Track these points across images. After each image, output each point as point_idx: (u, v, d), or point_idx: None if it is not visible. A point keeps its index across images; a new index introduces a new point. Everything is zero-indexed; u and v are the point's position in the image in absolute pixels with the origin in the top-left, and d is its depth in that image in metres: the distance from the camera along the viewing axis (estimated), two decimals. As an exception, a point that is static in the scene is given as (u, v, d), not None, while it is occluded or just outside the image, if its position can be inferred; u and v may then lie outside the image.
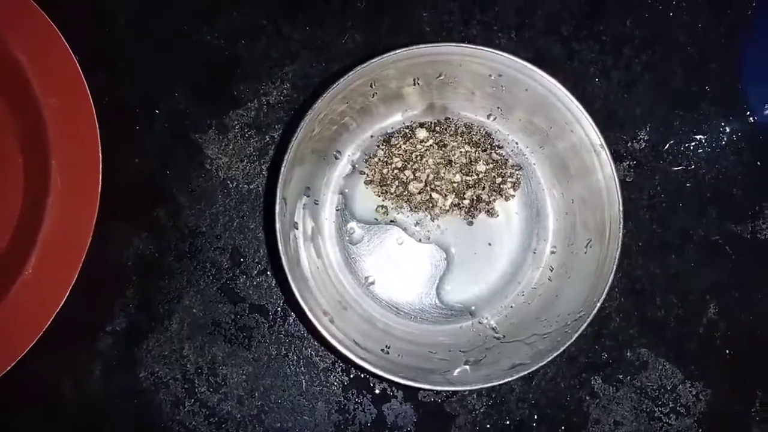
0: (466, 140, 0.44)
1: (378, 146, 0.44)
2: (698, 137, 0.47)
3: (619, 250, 0.38)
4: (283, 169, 0.38)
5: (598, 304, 0.38)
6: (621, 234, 0.38)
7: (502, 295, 0.44)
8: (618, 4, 0.48)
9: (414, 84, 0.42)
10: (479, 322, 0.43)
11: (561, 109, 0.40)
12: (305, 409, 0.44)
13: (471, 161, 0.44)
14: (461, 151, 0.44)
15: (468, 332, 0.43)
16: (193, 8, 0.47)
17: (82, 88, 0.42)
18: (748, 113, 0.48)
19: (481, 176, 0.44)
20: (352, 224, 0.44)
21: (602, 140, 0.39)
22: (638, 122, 0.47)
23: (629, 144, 0.47)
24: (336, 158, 0.44)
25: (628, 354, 0.45)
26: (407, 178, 0.44)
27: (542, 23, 0.48)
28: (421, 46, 0.38)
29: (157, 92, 0.46)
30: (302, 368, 0.44)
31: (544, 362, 0.37)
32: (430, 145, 0.44)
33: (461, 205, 0.44)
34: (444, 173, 0.44)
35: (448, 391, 0.44)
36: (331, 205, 0.44)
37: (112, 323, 0.44)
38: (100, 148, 0.41)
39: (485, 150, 0.44)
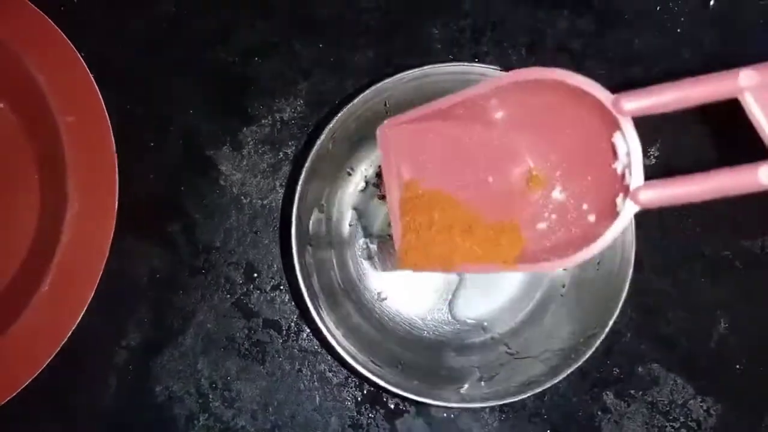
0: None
1: (391, 163, 0.45)
2: (708, 153, 0.48)
3: (631, 269, 0.38)
4: (299, 185, 0.39)
5: (611, 322, 0.38)
6: (633, 253, 0.39)
7: (515, 312, 0.44)
8: (626, 22, 0.49)
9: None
10: (492, 338, 0.44)
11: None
12: (319, 424, 0.44)
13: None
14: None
15: (481, 348, 0.43)
16: (207, 26, 0.47)
17: (99, 106, 0.42)
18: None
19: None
20: (365, 239, 0.45)
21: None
22: (648, 139, 0.47)
23: (639, 160, 0.47)
24: (349, 174, 0.45)
25: (640, 369, 0.46)
26: (419, 194, 0.44)
27: (552, 40, 0.48)
28: (436, 65, 0.39)
29: (172, 109, 0.47)
30: (316, 383, 0.45)
31: (558, 379, 0.38)
32: (442, 162, 0.45)
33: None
34: (456, 189, 0.44)
35: (461, 407, 0.44)
36: (344, 220, 0.45)
37: (127, 338, 0.44)
38: (116, 166, 0.42)
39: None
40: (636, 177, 0.25)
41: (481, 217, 0.29)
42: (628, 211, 0.25)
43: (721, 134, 0.47)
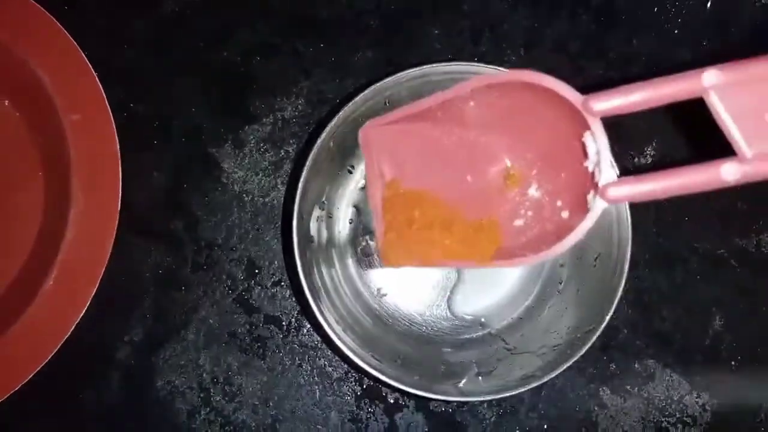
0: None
1: (390, 161, 0.45)
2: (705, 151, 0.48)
3: (627, 265, 0.39)
4: (300, 183, 0.39)
5: (608, 317, 0.39)
6: (630, 250, 0.39)
7: (513, 307, 0.45)
8: (624, 23, 0.49)
9: (426, 101, 0.43)
10: (490, 334, 0.44)
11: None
12: (319, 418, 0.45)
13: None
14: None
15: (479, 343, 0.44)
16: (209, 26, 0.48)
17: (102, 105, 0.43)
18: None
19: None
20: (365, 237, 0.45)
21: (611, 156, 0.40)
22: (645, 138, 0.48)
23: (636, 159, 0.48)
24: (350, 172, 0.45)
25: (636, 365, 0.46)
26: (418, 192, 0.45)
27: (550, 41, 0.49)
28: (435, 65, 0.39)
29: (175, 107, 0.47)
30: (316, 378, 0.45)
31: (555, 374, 0.38)
32: (441, 160, 0.45)
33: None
34: (454, 187, 0.45)
35: (459, 401, 0.45)
36: (344, 217, 0.45)
37: (130, 334, 0.45)
38: (120, 164, 0.42)
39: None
40: (604, 175, 0.25)
41: (461, 214, 0.30)
42: (597, 207, 0.26)
43: (719, 132, 0.48)
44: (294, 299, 0.46)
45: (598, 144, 0.26)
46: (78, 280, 0.42)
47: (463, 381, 0.41)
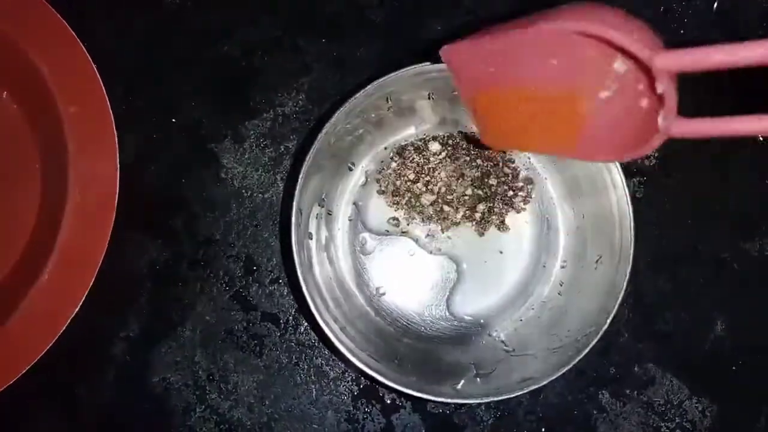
0: (478, 154, 0.45)
1: (391, 158, 0.45)
2: (710, 149, 0.48)
3: (629, 268, 0.38)
4: (300, 179, 0.39)
5: (608, 320, 0.38)
6: (632, 252, 0.39)
7: (513, 309, 0.44)
8: (630, 22, 0.49)
9: (428, 98, 0.43)
10: (489, 335, 0.44)
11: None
12: (315, 417, 0.44)
13: (483, 175, 0.44)
14: (473, 165, 0.45)
15: (478, 345, 0.44)
16: (210, 21, 0.47)
17: (101, 97, 0.42)
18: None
19: (492, 189, 0.44)
20: (364, 235, 0.45)
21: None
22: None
23: (639, 160, 0.47)
24: (350, 169, 0.45)
25: (636, 369, 0.46)
26: (419, 190, 0.44)
27: (555, 40, 0.48)
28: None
29: (175, 102, 0.47)
30: (312, 377, 0.45)
31: (554, 377, 0.38)
32: (443, 158, 0.45)
33: (472, 217, 0.44)
34: (456, 186, 0.44)
35: (457, 403, 0.44)
36: (344, 215, 0.45)
37: (126, 329, 0.45)
38: (118, 158, 0.42)
39: (497, 164, 0.45)
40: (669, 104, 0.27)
41: (549, 94, 0.32)
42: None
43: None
44: (292, 297, 0.45)
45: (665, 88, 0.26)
46: (74, 274, 0.41)
47: (462, 382, 0.40)
